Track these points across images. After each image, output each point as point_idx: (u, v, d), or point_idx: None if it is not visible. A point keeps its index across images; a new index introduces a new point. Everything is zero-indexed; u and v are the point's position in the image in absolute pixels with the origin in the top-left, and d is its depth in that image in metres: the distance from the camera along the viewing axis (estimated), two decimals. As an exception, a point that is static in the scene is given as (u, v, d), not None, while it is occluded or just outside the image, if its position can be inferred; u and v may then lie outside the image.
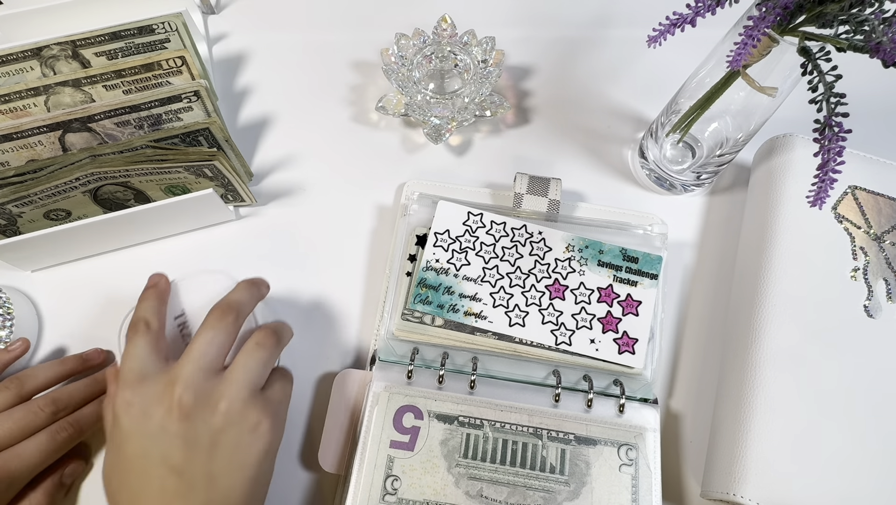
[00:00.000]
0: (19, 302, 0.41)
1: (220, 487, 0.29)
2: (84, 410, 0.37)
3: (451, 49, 0.48)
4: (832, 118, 0.30)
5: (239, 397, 0.30)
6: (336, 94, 0.51)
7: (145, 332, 0.32)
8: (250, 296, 0.35)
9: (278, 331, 0.34)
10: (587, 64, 0.53)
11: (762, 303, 0.40)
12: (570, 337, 0.40)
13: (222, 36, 0.53)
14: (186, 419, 0.29)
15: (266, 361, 0.32)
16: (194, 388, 0.30)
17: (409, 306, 0.41)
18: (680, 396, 0.42)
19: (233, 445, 0.30)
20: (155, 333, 0.33)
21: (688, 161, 0.46)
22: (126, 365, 0.31)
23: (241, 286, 0.35)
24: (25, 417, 0.35)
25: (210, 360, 0.31)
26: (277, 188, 0.47)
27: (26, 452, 0.34)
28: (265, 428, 0.31)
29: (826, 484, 0.35)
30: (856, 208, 0.42)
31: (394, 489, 0.36)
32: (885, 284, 0.40)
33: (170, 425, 0.29)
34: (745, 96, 0.39)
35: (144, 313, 0.33)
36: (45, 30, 0.46)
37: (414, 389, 0.38)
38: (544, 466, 0.37)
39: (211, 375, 0.31)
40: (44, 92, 0.41)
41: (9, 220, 0.40)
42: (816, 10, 0.31)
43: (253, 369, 0.32)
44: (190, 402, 0.29)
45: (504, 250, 0.42)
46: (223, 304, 0.33)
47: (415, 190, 0.46)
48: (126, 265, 0.44)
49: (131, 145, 0.39)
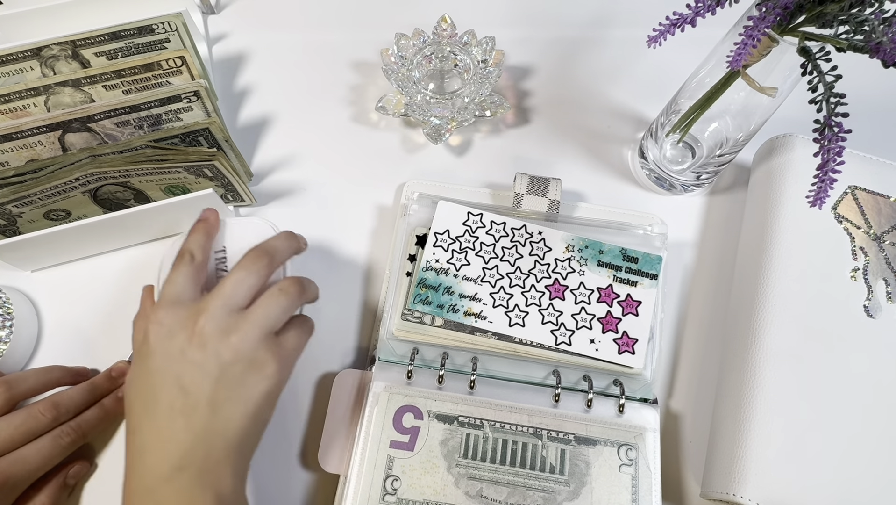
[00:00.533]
0: (19, 302, 0.41)
1: (219, 414, 0.31)
2: (86, 415, 0.37)
3: (451, 49, 0.48)
4: (832, 118, 0.30)
5: (252, 336, 0.32)
6: (336, 94, 0.51)
7: (189, 262, 0.35)
8: (287, 246, 0.37)
9: (304, 283, 0.36)
10: (587, 64, 0.53)
11: (762, 303, 0.39)
12: (569, 337, 0.40)
13: (222, 36, 0.53)
14: (203, 347, 0.31)
15: (286, 308, 0.34)
16: (216, 320, 0.32)
17: (408, 306, 0.41)
18: (680, 396, 0.42)
19: (237, 379, 0.31)
20: (197, 265, 0.35)
21: (688, 161, 0.46)
22: (167, 288, 0.34)
23: (281, 235, 0.37)
24: (26, 421, 0.35)
25: (236, 298, 0.33)
26: (277, 188, 0.47)
27: (29, 456, 0.34)
28: (270, 370, 0.32)
29: (826, 484, 0.35)
30: (856, 208, 0.42)
31: (394, 489, 0.36)
32: (885, 284, 0.40)
33: (188, 350, 0.31)
34: (745, 96, 0.39)
35: (192, 245, 0.36)
36: (45, 30, 0.46)
37: (414, 389, 0.38)
38: (544, 466, 0.37)
39: (234, 311, 0.33)
40: (44, 92, 0.41)
41: (9, 220, 0.40)
42: (816, 10, 0.31)
43: (272, 313, 0.33)
44: (209, 332, 0.32)
45: (504, 250, 0.42)
46: (260, 248, 0.35)
47: (415, 190, 0.46)
48: (126, 265, 0.44)
49: (131, 145, 0.39)
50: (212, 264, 0.38)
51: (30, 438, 0.35)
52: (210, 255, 0.37)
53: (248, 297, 0.33)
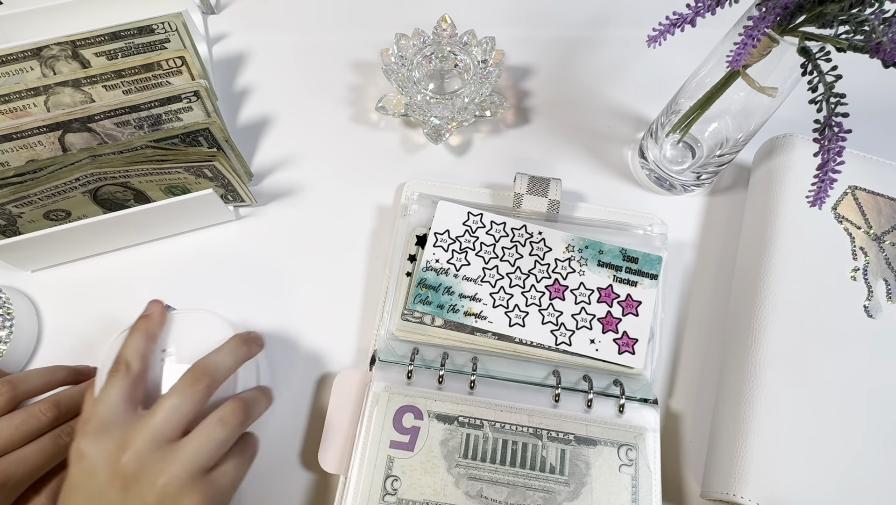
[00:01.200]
0: (19, 302, 0.41)
1: None
2: None
3: (451, 49, 0.48)
4: (832, 118, 0.30)
5: (180, 478, 0.29)
6: (336, 94, 0.51)
7: (124, 375, 0.32)
8: (234, 358, 0.34)
9: (249, 405, 0.33)
10: (587, 64, 0.53)
11: (762, 303, 0.39)
12: (569, 337, 0.40)
13: (222, 36, 0.53)
14: (125, 490, 0.29)
15: (222, 441, 0.31)
16: (140, 458, 0.29)
17: (409, 306, 0.41)
18: (680, 396, 0.42)
19: None
20: (133, 378, 0.32)
21: (688, 161, 0.46)
22: (96, 407, 0.31)
23: (227, 346, 0.34)
24: (27, 421, 0.35)
25: (167, 430, 0.30)
26: (277, 188, 0.47)
27: (29, 456, 0.34)
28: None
29: (826, 484, 0.35)
30: (856, 208, 0.42)
31: (394, 489, 0.36)
32: (885, 284, 0.40)
33: (109, 491, 0.29)
34: (745, 96, 0.39)
35: (129, 353, 0.33)
36: (45, 30, 0.46)
37: (414, 389, 0.38)
38: (544, 467, 0.37)
39: (162, 445, 0.30)
40: (44, 92, 0.41)
41: (9, 220, 0.40)
42: (816, 10, 0.31)
43: (205, 449, 0.31)
44: (131, 472, 0.29)
45: (504, 250, 0.42)
46: (199, 367, 0.32)
47: (415, 190, 0.46)
48: (126, 265, 0.44)
49: (131, 145, 0.39)
50: (156, 363, 0.34)
51: (30, 437, 0.35)
52: (149, 362, 0.34)
53: (181, 426, 0.31)
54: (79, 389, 0.38)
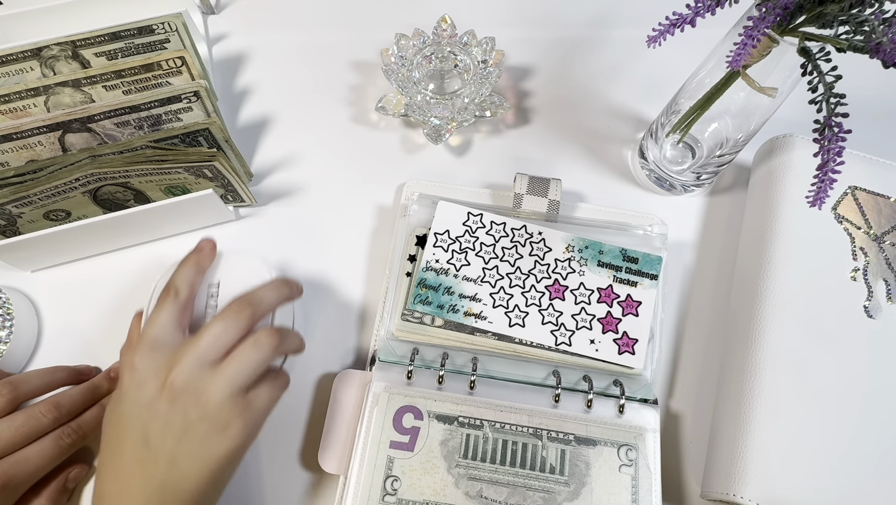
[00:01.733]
0: (19, 302, 0.41)
1: (177, 471, 0.31)
2: (86, 415, 0.37)
3: (451, 49, 0.48)
4: (832, 118, 0.30)
5: (221, 394, 0.32)
6: (336, 94, 0.51)
7: (173, 300, 0.34)
8: (276, 295, 0.36)
9: (283, 335, 0.34)
10: (587, 64, 0.53)
11: (762, 303, 0.39)
12: (569, 337, 0.40)
13: (222, 36, 0.53)
14: (171, 401, 0.31)
15: (258, 363, 0.33)
16: (186, 375, 0.32)
17: (408, 307, 0.41)
18: (680, 396, 0.42)
19: (200, 438, 0.31)
20: (181, 303, 0.35)
21: (688, 161, 0.46)
22: (147, 328, 0.34)
23: (270, 285, 0.36)
24: (27, 422, 0.35)
25: (211, 352, 0.32)
26: (277, 188, 0.47)
27: (30, 457, 0.34)
28: (235, 431, 0.32)
29: (825, 484, 0.35)
30: (856, 209, 0.42)
31: (393, 490, 0.36)
32: (885, 284, 0.40)
33: (157, 402, 0.31)
34: (745, 96, 0.39)
35: (179, 281, 0.35)
36: (45, 30, 0.46)
37: (414, 389, 0.38)
38: (544, 467, 0.37)
39: (206, 366, 0.32)
40: (44, 92, 0.41)
41: (9, 220, 0.40)
42: (816, 10, 0.31)
43: (242, 369, 0.32)
44: (179, 386, 0.31)
45: (504, 251, 0.42)
46: (245, 298, 0.34)
47: (415, 190, 0.46)
48: (126, 265, 0.44)
49: (131, 146, 0.39)
50: (202, 299, 0.37)
51: (31, 439, 0.35)
52: (197, 290, 0.36)
53: (224, 350, 0.33)
54: (79, 389, 0.38)
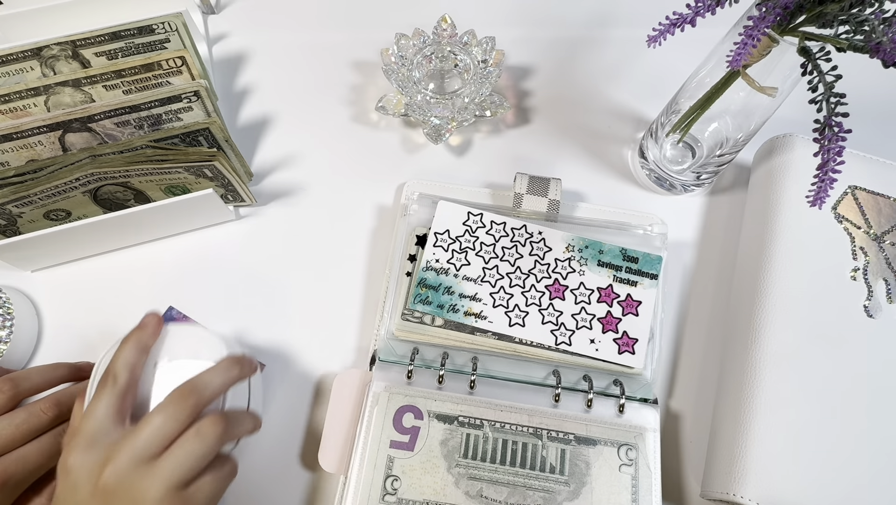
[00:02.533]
0: (19, 302, 0.41)
1: None
2: None
3: (451, 49, 0.48)
4: (832, 118, 0.30)
5: (155, 493, 0.29)
6: (336, 94, 0.51)
7: (111, 388, 0.32)
8: (223, 379, 0.33)
9: (231, 420, 0.32)
10: (587, 64, 0.53)
11: (762, 303, 0.39)
12: (569, 337, 0.40)
13: (222, 36, 0.53)
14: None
15: (200, 455, 0.31)
16: (121, 474, 0.30)
17: (409, 306, 0.41)
18: (680, 396, 0.42)
19: None
20: (120, 391, 0.32)
21: (688, 161, 0.46)
22: (83, 424, 0.31)
23: (218, 366, 0.34)
24: (28, 419, 0.35)
25: (149, 448, 0.30)
26: (277, 188, 0.47)
27: (30, 455, 0.34)
28: None
29: (826, 484, 0.35)
30: (856, 208, 0.42)
31: (394, 489, 0.36)
32: (885, 284, 0.40)
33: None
34: (745, 96, 0.39)
35: (118, 366, 0.33)
36: (45, 30, 0.46)
37: (414, 389, 0.38)
38: (544, 466, 0.37)
39: (143, 462, 0.30)
40: (44, 92, 0.42)
41: (9, 220, 0.40)
42: (816, 10, 0.31)
43: (182, 463, 0.30)
44: (111, 488, 0.29)
45: (504, 250, 0.42)
46: (187, 386, 0.32)
47: (415, 190, 0.46)
48: (126, 265, 0.44)
49: (131, 145, 0.39)
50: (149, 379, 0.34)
51: (31, 436, 0.35)
52: (140, 373, 0.33)
53: (164, 444, 0.31)
54: (78, 387, 0.38)
